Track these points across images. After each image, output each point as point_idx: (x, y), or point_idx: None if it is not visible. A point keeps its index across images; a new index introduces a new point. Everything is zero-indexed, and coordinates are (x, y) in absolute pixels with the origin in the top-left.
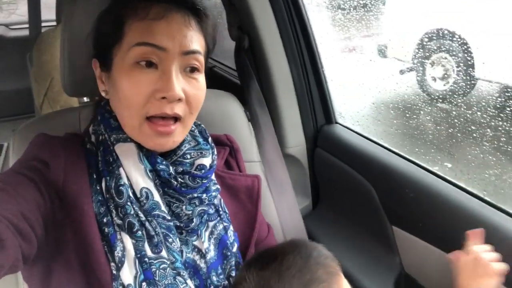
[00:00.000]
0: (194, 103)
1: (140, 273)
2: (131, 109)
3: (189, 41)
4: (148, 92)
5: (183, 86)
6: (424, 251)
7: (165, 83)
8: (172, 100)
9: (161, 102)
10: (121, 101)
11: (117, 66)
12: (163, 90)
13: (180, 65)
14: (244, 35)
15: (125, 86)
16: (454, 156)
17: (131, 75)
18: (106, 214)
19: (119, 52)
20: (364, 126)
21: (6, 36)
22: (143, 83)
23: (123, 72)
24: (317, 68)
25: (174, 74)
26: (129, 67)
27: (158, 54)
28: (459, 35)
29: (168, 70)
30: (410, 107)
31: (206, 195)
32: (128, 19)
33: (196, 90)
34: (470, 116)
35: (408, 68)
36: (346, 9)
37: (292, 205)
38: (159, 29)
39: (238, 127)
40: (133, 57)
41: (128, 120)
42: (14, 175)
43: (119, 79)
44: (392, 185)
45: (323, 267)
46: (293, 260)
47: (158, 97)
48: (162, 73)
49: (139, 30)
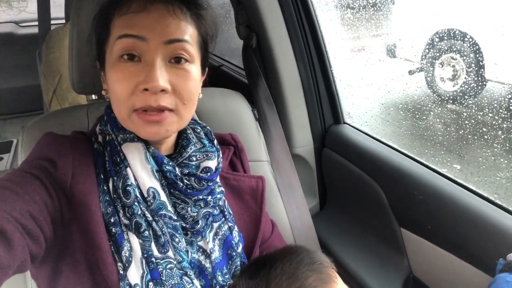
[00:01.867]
0: (185, 94)
1: (147, 273)
2: (119, 102)
3: (173, 29)
4: (132, 85)
5: (169, 77)
6: (433, 254)
7: (147, 74)
8: (155, 91)
9: (144, 94)
10: (111, 96)
11: (107, 62)
12: (145, 82)
13: (164, 55)
14: (252, 33)
15: (112, 80)
16: (464, 158)
17: (116, 69)
18: (114, 214)
19: (107, 49)
20: (372, 127)
21: (16, 33)
22: (127, 76)
23: (110, 67)
24: (325, 67)
25: (157, 65)
26: (114, 61)
27: (139, 46)
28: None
29: (150, 61)
30: (419, 108)
31: (211, 197)
32: (114, 15)
33: (185, 80)
34: (481, 118)
35: (417, 68)
36: (356, 8)
37: (301, 204)
38: (138, 20)
39: (245, 126)
40: (117, 51)
41: (118, 113)
42: (22, 175)
43: (108, 74)
44: (400, 187)
45: (315, 274)
46: (282, 267)
47: (141, 88)
48: (145, 65)
49: (122, 24)
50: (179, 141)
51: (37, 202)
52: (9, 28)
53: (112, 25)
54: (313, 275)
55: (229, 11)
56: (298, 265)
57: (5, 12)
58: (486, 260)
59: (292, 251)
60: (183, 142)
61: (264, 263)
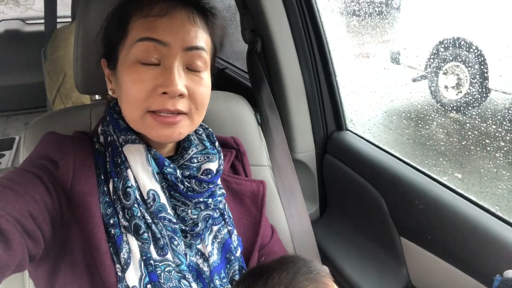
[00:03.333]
0: (199, 99)
1: (145, 275)
2: (133, 104)
3: (193, 37)
4: (149, 88)
5: (186, 82)
6: (432, 264)
7: (166, 78)
8: (173, 96)
9: (162, 98)
10: (123, 97)
11: (121, 63)
12: (165, 85)
13: (183, 61)
14: (257, 37)
15: (127, 82)
16: (466, 169)
17: (133, 71)
18: (113, 216)
19: (123, 49)
20: (375, 134)
21: (22, 30)
22: (145, 78)
23: (126, 68)
24: (329, 73)
25: (176, 70)
26: (132, 63)
27: (160, 50)
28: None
29: (170, 66)
30: (423, 117)
31: (211, 199)
32: (133, 16)
33: (200, 86)
34: (484, 129)
35: (421, 76)
36: (361, 15)
37: (301, 210)
38: (161, 24)
39: (247, 130)
40: (136, 54)
41: (130, 114)
42: (23, 174)
43: (123, 75)
44: (401, 195)
45: (312, 284)
46: (279, 277)
47: (159, 92)
48: (163, 69)
49: (142, 27)
50: (180, 142)
51: (37, 201)
52: (16, 25)
53: (130, 26)
54: (310, 284)
55: (234, 14)
56: (295, 275)
57: (12, 9)
58: (484, 272)
59: (289, 261)
60: (185, 143)
61: (262, 272)
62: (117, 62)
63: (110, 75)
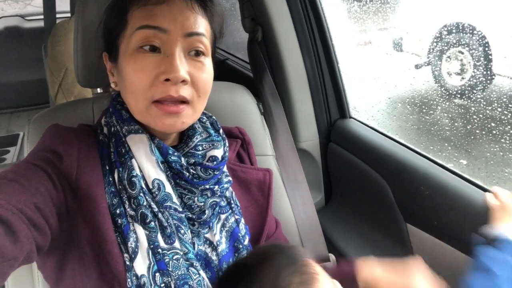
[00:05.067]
0: (201, 85)
1: (154, 263)
2: (137, 94)
3: (192, 23)
4: (152, 76)
5: (188, 69)
6: (439, 250)
7: (168, 65)
8: (176, 82)
9: (165, 85)
10: (127, 87)
11: (122, 54)
12: (167, 72)
13: (183, 47)
14: (257, 26)
15: (130, 72)
16: (471, 154)
17: (135, 60)
18: (119, 205)
19: (124, 40)
20: (379, 121)
21: (22, 27)
22: (147, 66)
23: (127, 58)
24: (331, 61)
25: (177, 56)
26: (133, 52)
27: (160, 37)
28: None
29: (171, 52)
30: (427, 102)
31: (218, 186)
32: (132, 6)
33: (202, 72)
34: (489, 113)
35: (424, 62)
36: (362, 0)
37: (306, 199)
38: (160, 12)
39: (250, 120)
40: (136, 41)
41: (134, 105)
42: (27, 166)
43: (124, 66)
44: (406, 182)
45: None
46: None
47: (162, 79)
48: (165, 56)
49: (141, 15)
50: (184, 131)
51: (42, 193)
52: (15, 22)
53: (129, 15)
54: (295, 279)
55: (234, 4)
56: (278, 272)
57: (11, 6)
58: None
59: (268, 255)
60: (189, 132)
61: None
62: (118, 54)
63: (112, 68)
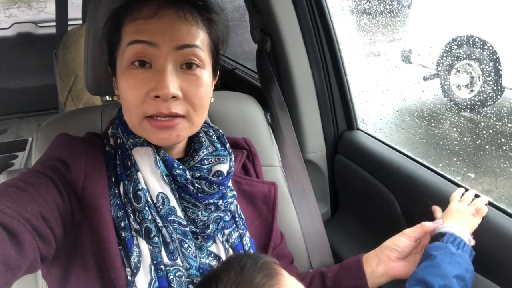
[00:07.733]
0: (196, 100)
1: (155, 280)
2: (130, 110)
3: (184, 35)
4: (143, 92)
5: (180, 83)
6: None
7: (157, 81)
8: (166, 98)
9: (156, 101)
10: (123, 103)
11: (118, 68)
12: (156, 89)
13: (175, 61)
14: (266, 37)
15: (124, 87)
16: (481, 169)
17: (127, 77)
18: (124, 218)
19: (119, 55)
20: (387, 134)
21: (35, 33)
22: (138, 83)
23: (121, 73)
24: (339, 72)
25: (168, 71)
26: (125, 68)
27: (150, 51)
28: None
29: (161, 67)
30: (435, 116)
31: (222, 201)
32: (125, 21)
33: (196, 86)
34: (500, 128)
35: (433, 74)
36: (372, 13)
37: (313, 210)
38: (149, 25)
39: (258, 130)
40: (128, 57)
41: (129, 120)
42: (35, 175)
43: (120, 81)
44: (414, 195)
45: (260, 273)
46: (228, 277)
47: (152, 96)
48: (155, 71)
49: (132, 30)
50: (191, 144)
51: (49, 203)
52: (28, 28)
53: (123, 30)
54: (258, 274)
55: (244, 14)
56: (242, 270)
57: (24, 13)
58: (504, 274)
59: (234, 261)
60: (195, 145)
61: (210, 279)
62: (115, 68)
63: (114, 81)
